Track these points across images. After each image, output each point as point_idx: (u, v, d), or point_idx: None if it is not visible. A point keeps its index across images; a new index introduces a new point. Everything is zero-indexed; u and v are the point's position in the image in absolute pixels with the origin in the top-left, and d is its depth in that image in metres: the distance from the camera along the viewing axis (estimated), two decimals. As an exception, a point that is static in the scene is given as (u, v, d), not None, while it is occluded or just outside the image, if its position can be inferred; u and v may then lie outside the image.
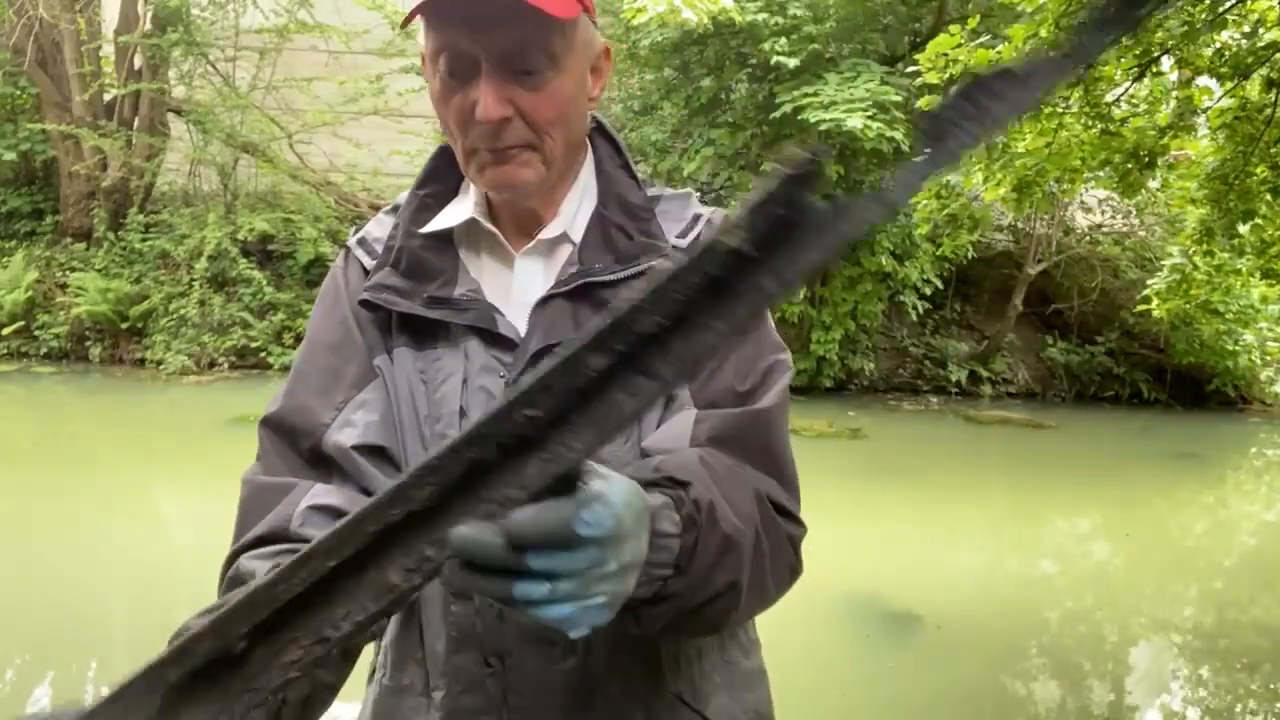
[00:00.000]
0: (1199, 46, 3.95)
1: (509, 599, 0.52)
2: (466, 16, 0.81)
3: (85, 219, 9.98)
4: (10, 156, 10.13)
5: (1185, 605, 4.78)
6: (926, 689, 3.53)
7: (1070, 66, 0.46)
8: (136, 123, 10.06)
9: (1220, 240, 4.69)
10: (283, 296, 9.34)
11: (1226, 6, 3.66)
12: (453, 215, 0.95)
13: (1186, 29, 3.62)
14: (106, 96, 10.11)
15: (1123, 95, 4.33)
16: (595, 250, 0.92)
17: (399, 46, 9.62)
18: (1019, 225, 10.35)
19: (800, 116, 7.75)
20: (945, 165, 0.45)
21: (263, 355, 9.12)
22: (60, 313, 9.41)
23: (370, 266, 0.95)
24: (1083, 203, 10.33)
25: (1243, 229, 4.56)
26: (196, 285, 9.17)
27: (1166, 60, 4.10)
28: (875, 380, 9.65)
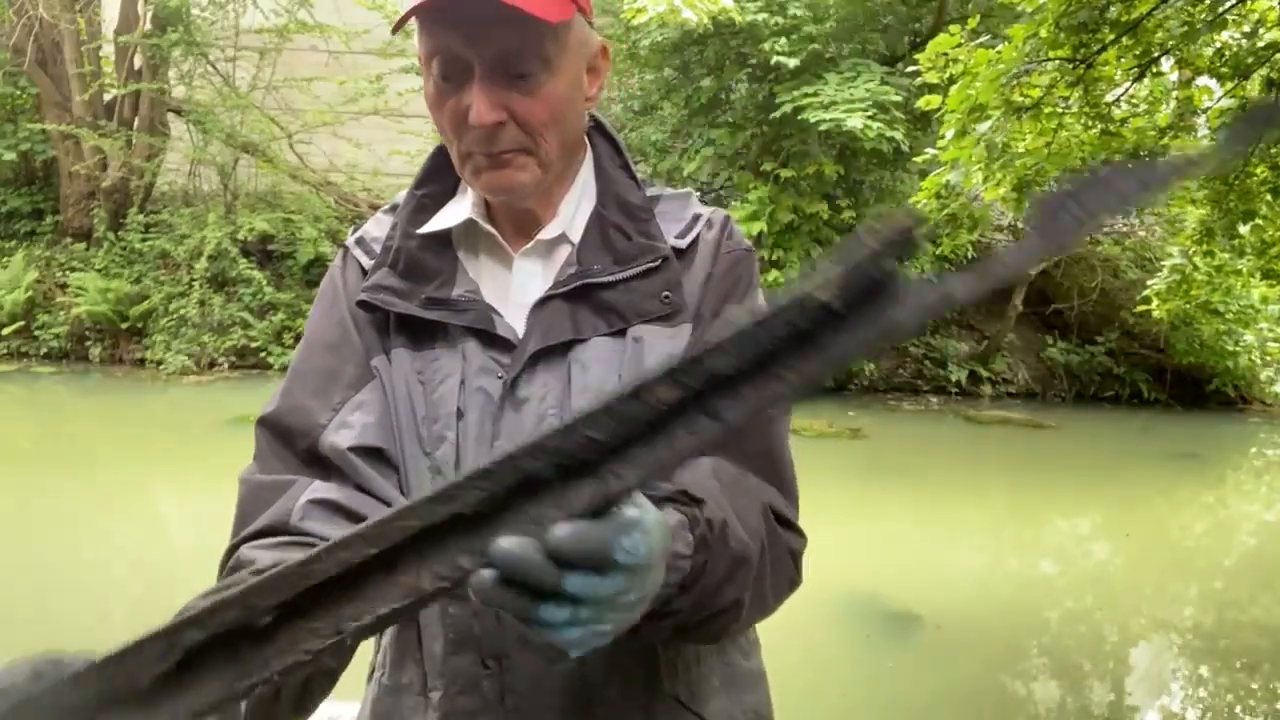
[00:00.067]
0: (1199, 46, 3.95)
1: (534, 619, 0.51)
2: (458, 21, 0.80)
3: (85, 219, 9.98)
4: (10, 156, 10.13)
5: (1185, 605, 4.78)
6: (926, 689, 3.53)
7: (1189, 169, 0.46)
8: (136, 123, 10.06)
9: (1220, 240, 4.68)
10: (283, 296, 9.34)
11: (1226, 6, 3.66)
12: (450, 216, 0.94)
13: (1186, 29, 3.61)
14: (106, 96, 10.11)
15: (1123, 95, 4.33)
16: (594, 251, 0.91)
17: (399, 46, 9.62)
18: (1019, 225, 10.34)
19: (800, 116, 7.75)
20: (1049, 250, 0.45)
21: (263, 355, 9.12)
22: (60, 313, 9.41)
23: (368, 266, 0.94)
24: (1083, 203, 10.33)
25: (1243, 229, 4.55)
26: (196, 285, 9.17)
27: (1166, 60, 4.10)
28: (875, 380, 9.65)
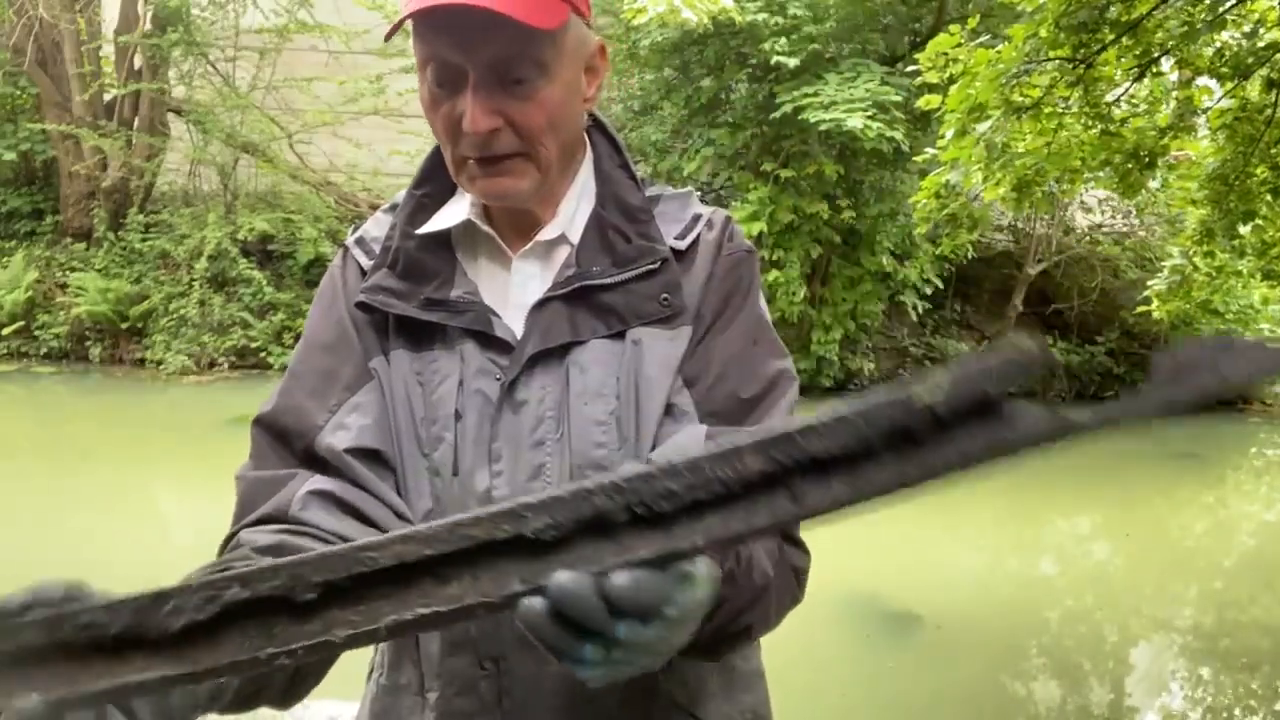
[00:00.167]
0: (1199, 47, 3.95)
1: (573, 657, 0.51)
2: (452, 28, 0.80)
3: (85, 219, 9.97)
4: (10, 156, 10.12)
5: (1185, 605, 4.78)
6: (926, 689, 3.53)
7: None
8: (136, 123, 10.05)
9: (1221, 241, 4.68)
10: (283, 296, 9.34)
11: (1226, 6, 3.65)
12: (449, 216, 0.94)
13: (1186, 29, 3.61)
14: (106, 96, 10.09)
15: (1123, 95, 4.33)
16: (593, 252, 0.91)
17: (399, 46, 9.58)
18: (1019, 225, 10.33)
19: (800, 117, 7.74)
20: (1169, 410, 0.44)
21: (263, 355, 9.11)
22: (60, 313, 9.40)
23: (368, 266, 0.94)
24: (1083, 203, 10.31)
25: (1243, 229, 4.55)
26: (196, 285, 9.16)
27: (1166, 60, 4.10)
28: (875, 380, 9.64)
